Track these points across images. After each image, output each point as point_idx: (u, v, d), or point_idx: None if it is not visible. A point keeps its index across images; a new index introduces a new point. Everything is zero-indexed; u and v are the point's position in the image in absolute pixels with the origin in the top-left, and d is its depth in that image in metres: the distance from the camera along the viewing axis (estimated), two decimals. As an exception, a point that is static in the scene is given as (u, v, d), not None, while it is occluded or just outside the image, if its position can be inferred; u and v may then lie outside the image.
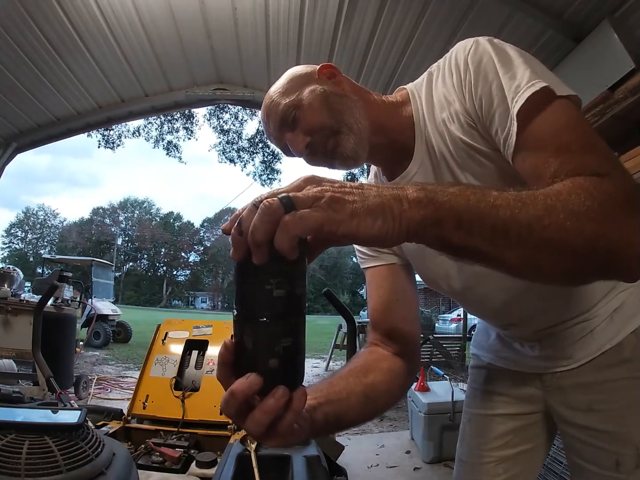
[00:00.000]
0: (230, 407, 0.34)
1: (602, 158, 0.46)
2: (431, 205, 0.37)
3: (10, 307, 3.33)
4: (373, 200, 0.35)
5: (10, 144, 3.78)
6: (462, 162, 0.63)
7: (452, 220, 0.37)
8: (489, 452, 0.84)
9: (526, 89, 0.51)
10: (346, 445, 1.93)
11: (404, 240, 0.37)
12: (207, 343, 1.77)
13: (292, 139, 0.66)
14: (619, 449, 0.67)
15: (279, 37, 2.93)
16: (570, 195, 0.40)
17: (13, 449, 0.65)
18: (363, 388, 0.58)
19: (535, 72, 0.53)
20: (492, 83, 0.55)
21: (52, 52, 2.92)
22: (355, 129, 0.65)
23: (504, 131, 0.54)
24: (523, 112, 0.51)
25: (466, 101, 0.59)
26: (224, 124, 11.16)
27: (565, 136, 0.49)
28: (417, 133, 0.67)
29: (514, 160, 0.54)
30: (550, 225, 0.38)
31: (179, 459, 1.24)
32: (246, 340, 0.34)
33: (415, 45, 2.71)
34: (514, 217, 0.37)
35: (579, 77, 2.32)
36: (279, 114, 0.67)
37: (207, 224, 54.16)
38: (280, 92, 0.68)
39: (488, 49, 0.57)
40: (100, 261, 11.24)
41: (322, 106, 0.65)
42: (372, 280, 0.78)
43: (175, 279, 51.67)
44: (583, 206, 0.39)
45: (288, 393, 0.34)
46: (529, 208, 0.38)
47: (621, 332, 0.69)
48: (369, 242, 0.36)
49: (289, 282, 0.34)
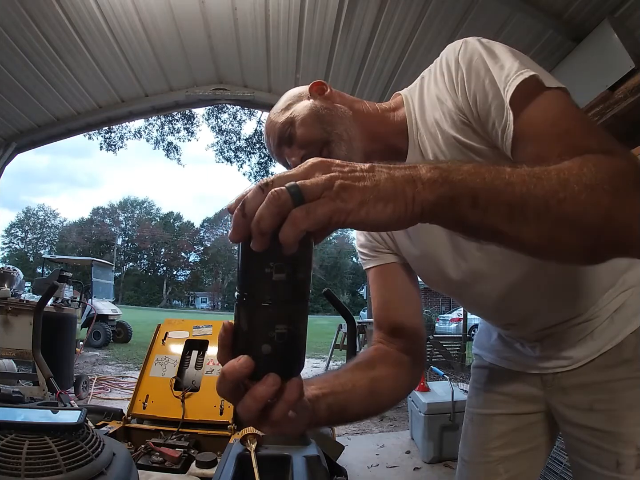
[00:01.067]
0: (222, 388, 0.35)
1: (605, 140, 0.45)
2: (446, 184, 0.36)
3: (10, 307, 3.33)
4: (384, 184, 0.34)
5: (10, 144, 3.79)
6: None
7: (469, 199, 0.36)
8: (491, 451, 0.84)
9: (515, 77, 0.52)
10: (346, 445, 1.93)
11: (417, 222, 0.36)
12: (207, 343, 1.76)
13: (290, 153, 0.70)
14: (620, 449, 0.67)
15: (279, 37, 2.94)
16: (582, 169, 0.39)
17: (13, 449, 0.65)
18: (368, 381, 0.59)
19: (523, 64, 0.54)
20: (485, 78, 0.56)
21: (52, 52, 2.93)
22: (345, 136, 0.67)
23: (500, 123, 0.54)
24: (516, 100, 0.51)
25: (459, 98, 0.60)
26: (222, 124, 11.18)
27: (564, 123, 0.48)
28: (410, 137, 0.68)
29: (513, 151, 0.53)
30: (566, 199, 0.37)
31: (179, 459, 1.24)
32: (242, 323, 0.34)
33: (415, 45, 2.71)
34: (530, 193, 0.37)
35: (579, 77, 2.32)
36: (277, 132, 0.71)
37: (207, 224, 54.23)
38: (277, 113, 0.73)
39: (477, 47, 0.59)
40: (100, 261, 11.24)
41: (313, 120, 0.69)
42: (375, 279, 0.79)
43: (175, 279, 51.69)
44: (596, 179, 0.38)
45: (279, 382, 0.34)
46: (544, 183, 0.37)
47: (622, 332, 0.69)
48: (379, 228, 0.36)
49: (290, 266, 0.33)
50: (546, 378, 0.78)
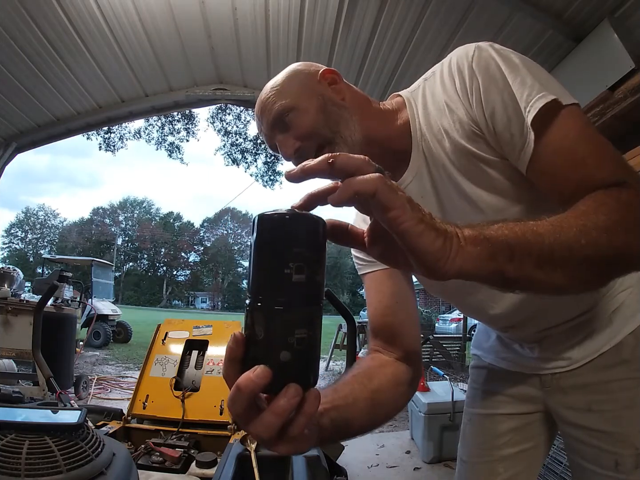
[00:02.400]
0: (238, 405, 0.31)
1: (617, 167, 0.49)
2: (485, 241, 0.38)
3: (10, 307, 3.33)
4: (439, 224, 0.36)
5: (10, 144, 3.79)
6: (464, 170, 0.62)
7: (506, 253, 0.38)
8: (489, 451, 0.84)
9: (537, 99, 0.52)
10: (346, 445, 1.94)
11: (450, 277, 0.37)
12: (207, 343, 1.77)
13: (283, 141, 0.66)
14: (618, 449, 0.67)
15: (279, 37, 2.94)
16: (597, 213, 0.43)
17: (13, 449, 0.65)
18: (369, 394, 0.57)
19: (541, 81, 0.54)
20: (504, 92, 0.55)
21: (52, 52, 2.92)
22: (349, 141, 0.64)
23: (519, 140, 0.54)
24: (536, 123, 0.52)
25: (473, 109, 0.58)
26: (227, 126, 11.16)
27: (581, 149, 0.51)
28: (413, 142, 0.66)
29: (528, 170, 0.55)
30: (588, 244, 0.41)
31: (179, 459, 1.24)
32: (257, 330, 0.31)
33: (415, 45, 2.70)
34: (556, 242, 0.40)
35: (579, 77, 2.32)
36: (273, 114, 0.66)
37: (207, 224, 54.20)
38: (277, 90, 0.67)
39: (493, 55, 0.57)
40: (100, 261, 11.23)
41: (318, 113, 0.64)
42: (371, 285, 0.76)
43: (175, 279, 51.65)
44: (610, 221, 0.43)
45: (301, 392, 0.31)
46: (566, 231, 0.41)
47: (620, 333, 0.70)
48: (422, 254, 0.35)
49: (309, 267, 0.31)
50: (545, 378, 0.78)
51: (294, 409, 0.31)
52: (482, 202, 0.62)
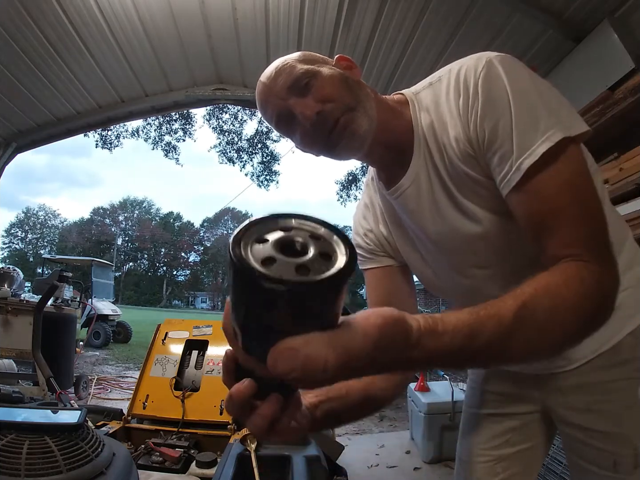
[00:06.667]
0: (232, 409, 0.37)
1: (591, 237, 0.50)
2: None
3: (10, 307, 3.32)
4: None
5: (10, 144, 3.79)
6: (459, 185, 0.63)
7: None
8: (488, 450, 0.84)
9: (541, 144, 0.51)
10: (346, 445, 1.93)
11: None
12: (207, 343, 1.77)
13: (302, 103, 0.63)
14: (617, 450, 0.67)
15: (279, 37, 2.94)
16: (568, 288, 0.46)
17: (13, 449, 0.65)
18: (362, 385, 0.59)
19: (551, 109, 0.53)
20: (501, 118, 0.54)
21: (52, 52, 2.93)
22: (370, 114, 0.64)
23: (503, 170, 0.54)
24: (533, 167, 0.51)
25: (470, 130, 0.58)
26: (224, 124, 11.16)
27: (563, 198, 0.51)
28: (415, 145, 0.66)
29: (507, 197, 0.56)
30: (557, 322, 0.45)
31: (179, 459, 1.24)
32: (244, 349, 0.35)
33: (415, 45, 2.71)
34: (525, 326, 0.43)
35: (579, 77, 2.32)
36: (293, 76, 0.64)
37: (207, 224, 54.21)
38: (296, 59, 0.66)
39: (501, 75, 0.55)
40: (100, 261, 11.24)
41: (341, 83, 0.64)
42: (370, 281, 0.78)
43: (175, 279, 51.68)
44: (577, 302, 0.46)
45: (282, 400, 0.37)
46: (537, 315, 0.44)
47: (619, 333, 0.69)
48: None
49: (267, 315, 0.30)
50: (543, 378, 0.78)
51: (278, 412, 0.37)
52: (477, 217, 0.63)
